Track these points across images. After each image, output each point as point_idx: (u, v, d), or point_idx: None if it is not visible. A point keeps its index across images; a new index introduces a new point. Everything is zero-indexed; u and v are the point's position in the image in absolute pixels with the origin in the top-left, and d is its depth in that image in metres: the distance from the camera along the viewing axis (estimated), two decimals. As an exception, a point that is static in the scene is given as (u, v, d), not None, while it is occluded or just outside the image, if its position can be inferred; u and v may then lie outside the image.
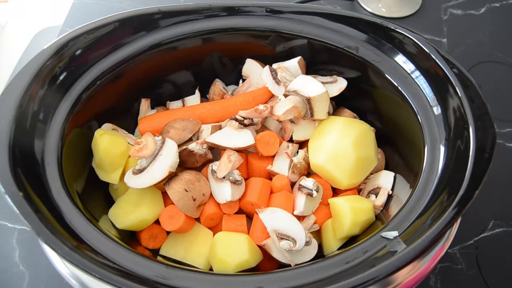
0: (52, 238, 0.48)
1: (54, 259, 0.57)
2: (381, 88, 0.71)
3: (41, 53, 0.62)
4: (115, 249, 0.52)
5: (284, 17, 0.74)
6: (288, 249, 0.61)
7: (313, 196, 0.66)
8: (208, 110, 0.75)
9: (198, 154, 0.68)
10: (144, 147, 0.64)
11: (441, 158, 0.59)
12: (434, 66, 0.64)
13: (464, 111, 0.59)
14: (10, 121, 0.55)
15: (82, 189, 0.63)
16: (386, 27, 0.69)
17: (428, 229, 0.51)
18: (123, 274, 0.49)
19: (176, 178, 0.64)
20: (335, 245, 0.66)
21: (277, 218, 0.63)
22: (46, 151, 0.58)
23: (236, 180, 0.66)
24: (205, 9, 0.73)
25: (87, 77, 0.66)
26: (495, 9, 1.16)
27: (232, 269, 0.60)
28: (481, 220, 0.82)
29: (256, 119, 0.71)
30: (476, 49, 1.08)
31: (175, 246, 0.66)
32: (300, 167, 0.70)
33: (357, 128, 0.69)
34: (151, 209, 0.65)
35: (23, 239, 0.78)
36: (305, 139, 0.73)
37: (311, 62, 0.78)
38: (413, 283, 0.56)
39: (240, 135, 0.68)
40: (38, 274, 0.74)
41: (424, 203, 0.56)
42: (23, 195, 0.50)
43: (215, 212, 0.66)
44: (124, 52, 0.70)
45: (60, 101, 0.63)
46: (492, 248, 0.79)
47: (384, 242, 0.53)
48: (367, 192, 0.71)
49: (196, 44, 0.75)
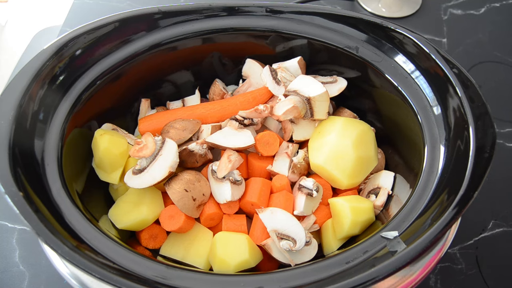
0: (52, 238, 0.48)
1: (54, 259, 0.57)
2: (381, 88, 0.71)
3: (41, 53, 0.62)
4: (115, 249, 0.52)
5: (284, 17, 0.74)
6: (288, 249, 0.61)
7: (313, 196, 0.66)
8: (208, 110, 0.75)
9: (198, 154, 0.68)
10: (144, 147, 0.64)
11: (441, 158, 0.59)
12: (434, 66, 0.64)
13: (464, 111, 0.59)
14: (10, 121, 0.55)
15: (82, 189, 0.63)
16: (386, 27, 0.69)
17: (428, 229, 0.51)
18: (123, 274, 0.49)
19: (176, 178, 0.64)
20: (335, 245, 0.66)
21: (277, 218, 0.63)
22: (46, 151, 0.58)
23: (236, 180, 0.66)
24: (205, 9, 0.73)
25: (87, 77, 0.66)
26: (495, 9, 1.16)
27: (232, 269, 0.60)
28: (481, 220, 0.82)
29: (256, 119, 0.71)
30: (476, 49, 1.08)
31: (175, 246, 0.66)
32: (300, 167, 0.70)
33: (357, 128, 0.69)
34: (151, 209, 0.65)
35: (23, 239, 0.78)
36: (305, 139, 0.73)
37: (311, 62, 0.78)
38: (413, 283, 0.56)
39: (240, 135, 0.68)
40: (38, 274, 0.74)
41: (424, 203, 0.56)
42: (23, 195, 0.50)
43: (215, 212, 0.66)
44: (124, 52, 0.70)
45: (60, 101, 0.63)
46: (492, 248, 0.79)
47: (384, 242, 0.53)
48: (367, 192, 0.71)
49: (196, 44, 0.75)
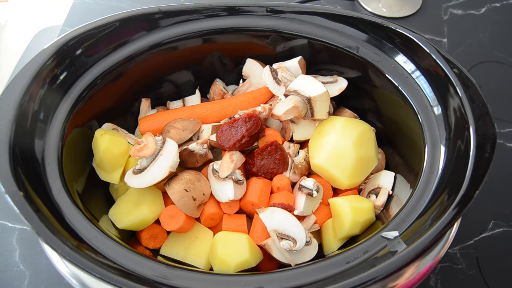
0: (53, 238, 0.48)
1: (54, 258, 0.57)
2: (382, 88, 0.71)
3: (41, 53, 0.62)
4: (115, 249, 0.52)
5: (284, 17, 0.74)
6: (288, 249, 0.60)
7: (313, 196, 0.66)
8: (209, 110, 0.75)
9: (199, 154, 0.68)
10: (145, 147, 0.64)
11: (442, 158, 0.59)
12: (434, 66, 0.64)
13: (465, 111, 0.59)
14: (10, 121, 0.55)
15: (82, 189, 0.63)
16: (386, 27, 0.69)
17: (428, 229, 0.51)
18: (123, 274, 0.49)
19: (176, 178, 0.64)
20: (336, 245, 0.66)
21: (277, 218, 0.63)
22: (46, 151, 0.58)
23: (238, 180, 0.66)
24: (205, 9, 0.73)
25: (88, 77, 0.66)
26: (495, 9, 1.16)
27: (233, 269, 0.60)
28: (481, 220, 0.82)
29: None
30: (476, 49, 1.08)
31: (176, 246, 0.66)
32: (301, 168, 0.70)
33: (358, 128, 0.69)
34: (151, 209, 0.65)
35: (23, 239, 0.78)
36: (305, 139, 0.73)
37: (312, 62, 0.78)
38: (413, 283, 0.56)
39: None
40: (38, 273, 0.74)
41: (424, 203, 0.56)
42: (23, 195, 0.50)
43: (215, 212, 0.66)
44: (124, 52, 0.70)
45: (60, 101, 0.63)
46: (492, 248, 0.79)
47: (384, 242, 0.53)
48: (367, 192, 0.71)
49: (197, 44, 0.75)
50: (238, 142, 0.66)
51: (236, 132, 0.66)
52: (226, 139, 0.67)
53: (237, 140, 0.66)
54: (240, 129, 0.66)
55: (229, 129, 0.67)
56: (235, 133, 0.66)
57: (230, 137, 0.67)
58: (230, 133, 0.67)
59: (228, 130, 0.67)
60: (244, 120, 0.67)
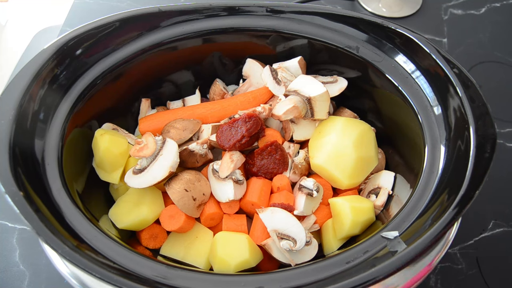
0: (53, 238, 0.48)
1: (54, 258, 0.57)
2: (382, 88, 0.71)
3: (41, 53, 0.62)
4: (115, 249, 0.52)
5: (284, 17, 0.74)
6: (288, 249, 0.60)
7: (313, 196, 0.66)
8: (209, 110, 0.75)
9: (199, 154, 0.68)
10: (145, 147, 0.64)
11: (442, 158, 0.59)
12: (434, 66, 0.64)
13: (465, 111, 0.59)
14: (10, 120, 0.55)
15: (82, 189, 0.63)
16: (386, 27, 0.69)
17: (428, 229, 0.51)
18: (123, 274, 0.49)
19: (176, 178, 0.64)
20: (336, 245, 0.66)
21: (277, 218, 0.63)
22: (46, 151, 0.58)
23: (238, 180, 0.66)
24: (205, 9, 0.73)
25: (88, 77, 0.66)
26: (495, 9, 1.16)
27: (233, 269, 0.60)
28: (481, 220, 0.82)
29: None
30: (476, 49, 1.08)
31: (176, 246, 0.66)
32: (301, 168, 0.70)
33: (358, 128, 0.69)
34: (151, 209, 0.65)
35: (23, 239, 0.78)
36: (305, 139, 0.73)
37: (312, 62, 0.78)
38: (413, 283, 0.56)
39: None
40: (38, 273, 0.74)
41: (424, 203, 0.56)
42: (23, 195, 0.50)
43: (215, 212, 0.66)
44: (124, 52, 0.70)
45: (60, 101, 0.63)
46: (492, 248, 0.79)
47: (384, 242, 0.53)
48: (367, 192, 0.71)
49: (197, 44, 0.75)
50: (238, 142, 0.66)
51: (236, 132, 0.66)
52: (226, 139, 0.67)
53: (237, 140, 0.66)
54: (240, 129, 0.66)
55: (229, 129, 0.67)
56: (235, 133, 0.66)
57: (230, 137, 0.67)
58: (230, 133, 0.67)
59: (228, 130, 0.67)
60: (244, 120, 0.67)
